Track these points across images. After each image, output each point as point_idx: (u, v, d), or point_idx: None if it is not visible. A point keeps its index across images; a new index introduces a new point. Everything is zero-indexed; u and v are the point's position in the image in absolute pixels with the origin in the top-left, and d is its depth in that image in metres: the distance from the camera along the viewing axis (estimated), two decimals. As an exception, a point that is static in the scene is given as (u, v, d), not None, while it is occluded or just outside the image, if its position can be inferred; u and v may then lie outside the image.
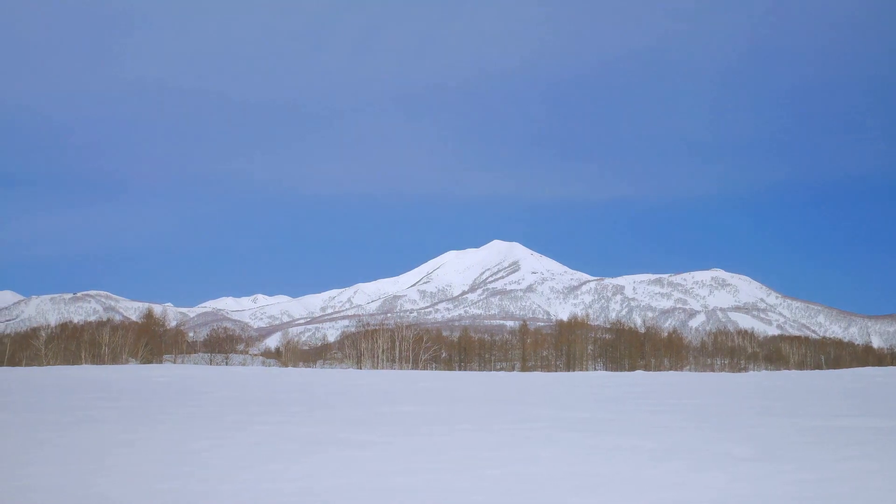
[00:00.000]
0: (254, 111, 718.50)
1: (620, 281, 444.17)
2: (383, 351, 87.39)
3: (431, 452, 10.91)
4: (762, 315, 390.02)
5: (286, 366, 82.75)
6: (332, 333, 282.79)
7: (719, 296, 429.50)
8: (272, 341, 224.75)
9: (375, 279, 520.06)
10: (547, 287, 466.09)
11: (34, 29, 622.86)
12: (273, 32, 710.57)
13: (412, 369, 72.69)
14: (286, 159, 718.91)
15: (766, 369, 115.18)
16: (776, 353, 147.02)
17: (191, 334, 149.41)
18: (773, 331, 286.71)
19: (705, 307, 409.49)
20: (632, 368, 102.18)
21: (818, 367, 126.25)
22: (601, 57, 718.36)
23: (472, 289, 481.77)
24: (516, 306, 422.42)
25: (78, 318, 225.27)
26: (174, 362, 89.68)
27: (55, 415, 16.00)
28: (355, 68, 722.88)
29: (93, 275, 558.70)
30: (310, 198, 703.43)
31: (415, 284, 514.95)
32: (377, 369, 66.88)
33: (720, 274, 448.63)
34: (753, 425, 14.43)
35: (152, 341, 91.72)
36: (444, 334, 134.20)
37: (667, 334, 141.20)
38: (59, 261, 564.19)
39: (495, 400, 21.65)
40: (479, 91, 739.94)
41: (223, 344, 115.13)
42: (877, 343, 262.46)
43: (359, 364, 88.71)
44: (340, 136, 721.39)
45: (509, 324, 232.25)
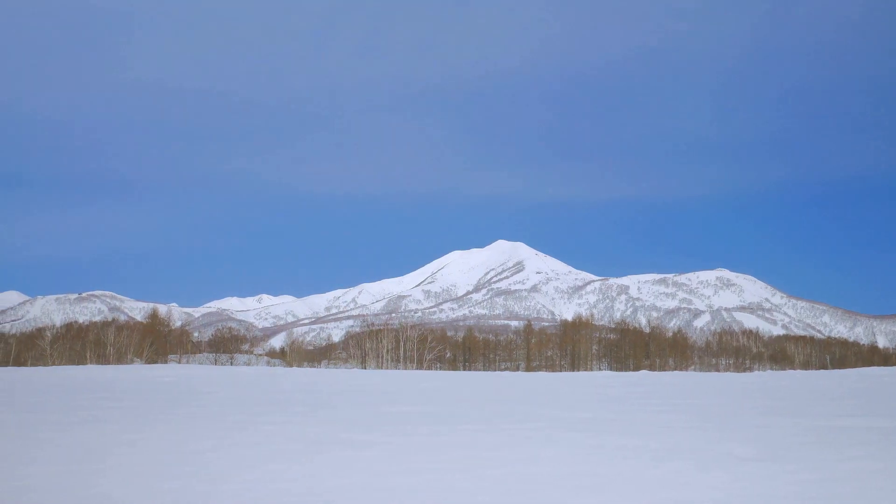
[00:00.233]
0: (259, 111, 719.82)
1: (625, 281, 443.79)
2: (388, 351, 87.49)
3: (433, 452, 10.91)
4: (767, 315, 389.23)
5: (291, 366, 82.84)
6: (336, 333, 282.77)
7: (724, 296, 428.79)
8: (277, 341, 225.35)
9: (380, 279, 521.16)
10: (551, 287, 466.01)
11: (35, 29, 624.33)
12: (278, 32, 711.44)
13: (417, 369, 72.74)
14: (291, 159, 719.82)
15: (772, 369, 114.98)
16: (781, 353, 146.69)
17: (195, 334, 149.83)
18: (778, 331, 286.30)
19: (710, 307, 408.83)
20: (636, 368, 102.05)
21: (823, 367, 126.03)
22: (605, 57, 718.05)
23: (477, 289, 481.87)
24: (521, 306, 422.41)
25: (83, 319, 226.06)
26: (179, 362, 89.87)
27: (59, 414, 16.04)
28: (360, 68, 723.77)
29: (98, 275, 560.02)
30: (314, 198, 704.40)
31: (419, 284, 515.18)
32: (382, 369, 66.90)
33: (725, 274, 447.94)
34: (757, 425, 14.40)
35: (157, 341, 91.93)
36: (449, 334, 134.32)
37: (671, 334, 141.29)
38: (64, 261, 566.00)
39: (498, 400, 21.64)
40: (483, 91, 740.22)
41: (228, 344, 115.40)
42: (882, 343, 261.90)
43: (363, 364, 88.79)
44: (345, 137, 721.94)
45: (514, 324, 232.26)
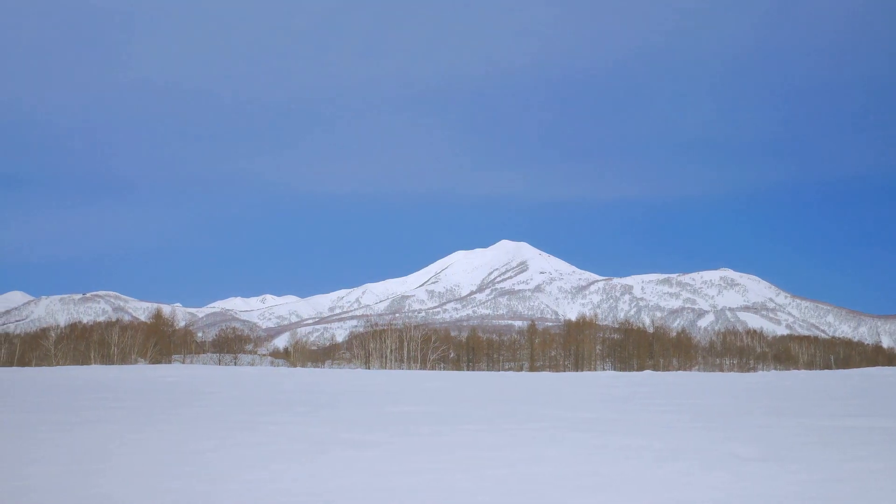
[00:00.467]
0: (262, 111, 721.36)
1: (629, 281, 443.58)
2: (391, 351, 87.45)
3: (435, 452, 10.90)
4: (771, 315, 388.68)
5: (294, 366, 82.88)
6: (340, 333, 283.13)
7: (728, 296, 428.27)
8: (281, 341, 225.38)
9: (384, 279, 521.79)
10: (555, 287, 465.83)
11: (35, 29, 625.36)
12: (279, 32, 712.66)
13: (420, 369, 72.73)
14: (294, 159, 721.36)
15: (776, 369, 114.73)
16: (785, 353, 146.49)
17: (199, 334, 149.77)
18: (782, 331, 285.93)
19: (714, 307, 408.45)
20: (640, 368, 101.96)
21: (827, 367, 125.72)
22: (607, 57, 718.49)
23: (481, 289, 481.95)
24: (524, 306, 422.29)
25: (87, 319, 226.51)
26: (183, 362, 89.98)
27: (60, 414, 16.06)
28: (362, 68, 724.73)
29: (102, 275, 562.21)
30: (318, 198, 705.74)
31: (423, 284, 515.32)
32: (385, 369, 66.90)
33: (729, 274, 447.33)
34: (760, 425, 14.37)
35: (161, 341, 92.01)
36: (453, 334, 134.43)
37: (675, 334, 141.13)
38: (69, 261, 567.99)
39: (501, 400, 21.62)
40: (487, 91, 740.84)
41: (232, 344, 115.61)
42: (886, 343, 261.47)
43: (367, 364, 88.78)
44: (348, 136, 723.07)
45: (517, 324, 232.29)
